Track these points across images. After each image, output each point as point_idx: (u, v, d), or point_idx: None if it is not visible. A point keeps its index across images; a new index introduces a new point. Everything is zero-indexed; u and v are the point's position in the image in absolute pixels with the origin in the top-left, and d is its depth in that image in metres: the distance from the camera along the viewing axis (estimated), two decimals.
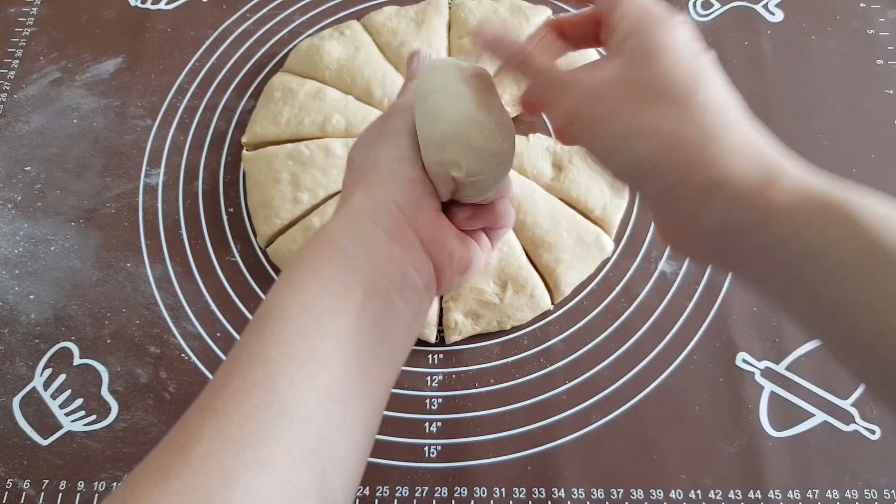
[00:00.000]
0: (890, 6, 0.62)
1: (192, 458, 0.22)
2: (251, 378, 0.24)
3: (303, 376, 0.24)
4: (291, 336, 0.25)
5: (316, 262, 0.27)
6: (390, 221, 0.28)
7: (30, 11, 0.63)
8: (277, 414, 0.23)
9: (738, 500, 0.43)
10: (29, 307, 0.50)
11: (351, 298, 0.26)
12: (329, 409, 0.24)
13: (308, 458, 0.23)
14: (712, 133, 0.25)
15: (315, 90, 0.55)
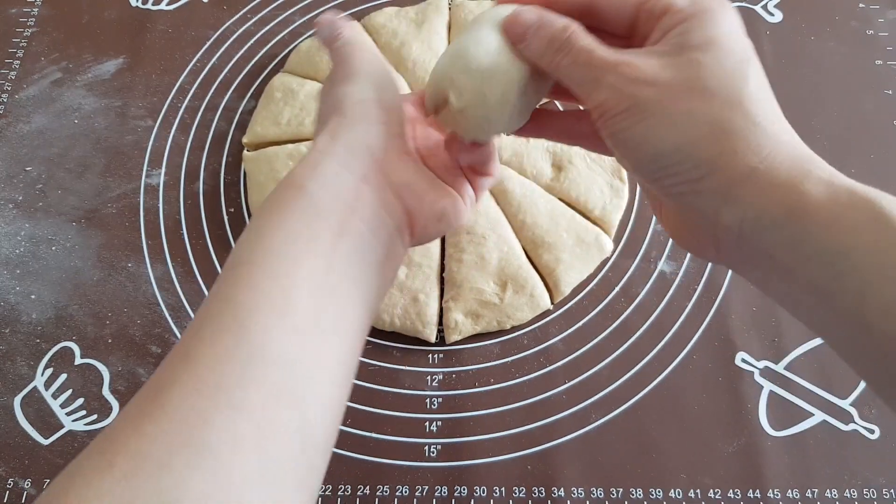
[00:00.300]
0: (889, 6, 0.62)
1: (166, 403, 0.22)
2: (222, 323, 0.24)
3: (273, 317, 0.24)
4: (260, 280, 0.25)
5: (283, 208, 0.27)
6: (357, 163, 0.28)
7: (31, 12, 0.63)
8: (249, 356, 0.23)
9: (738, 499, 0.43)
10: (30, 307, 0.50)
11: (319, 240, 0.26)
12: (303, 348, 0.24)
13: (283, 396, 0.23)
14: (757, 121, 0.24)
15: (316, 91, 0.55)
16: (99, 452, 0.21)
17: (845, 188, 0.23)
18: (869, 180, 0.58)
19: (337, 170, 0.27)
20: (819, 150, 0.59)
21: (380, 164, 0.28)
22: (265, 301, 0.24)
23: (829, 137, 0.56)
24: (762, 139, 0.24)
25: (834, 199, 0.23)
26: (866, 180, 0.58)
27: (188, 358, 0.23)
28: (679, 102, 0.25)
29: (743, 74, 0.25)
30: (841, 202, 0.23)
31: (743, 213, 0.24)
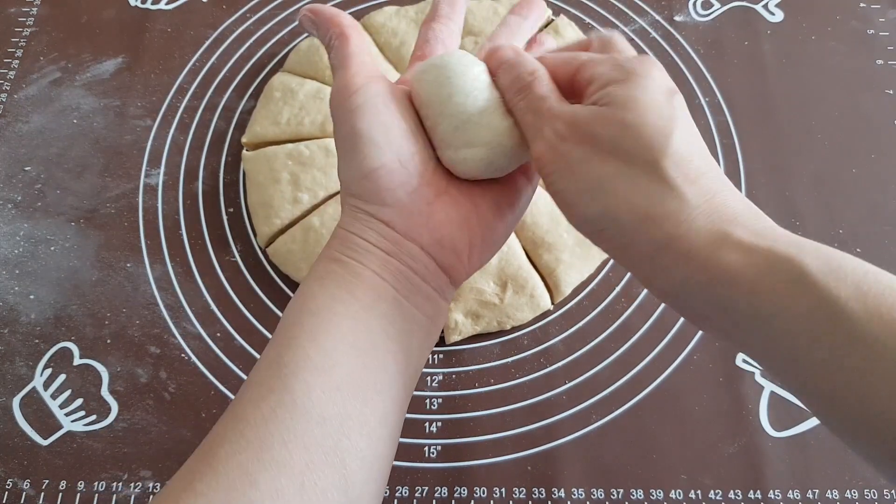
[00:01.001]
0: (890, 6, 0.62)
1: (214, 461, 0.23)
2: (267, 384, 0.25)
3: (315, 376, 0.25)
4: (303, 340, 0.26)
5: (322, 274, 0.28)
6: (380, 239, 0.28)
7: (30, 11, 0.63)
8: (292, 414, 0.24)
9: (738, 500, 0.43)
10: (29, 307, 0.50)
11: (357, 302, 0.27)
12: (345, 406, 0.25)
13: (327, 455, 0.24)
14: (674, 185, 0.25)
15: (315, 90, 0.55)
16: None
17: (763, 251, 0.23)
18: (869, 180, 0.58)
19: (364, 245, 0.28)
20: (819, 150, 0.60)
21: (405, 233, 0.28)
22: (307, 361, 0.25)
23: (829, 137, 0.56)
24: (680, 205, 0.24)
25: (752, 265, 0.23)
26: (866, 180, 0.58)
27: (236, 417, 0.24)
28: (604, 165, 0.25)
29: (664, 134, 0.25)
30: (759, 267, 0.23)
31: (671, 280, 0.25)
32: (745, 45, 0.60)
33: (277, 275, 0.51)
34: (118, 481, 0.44)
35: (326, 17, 0.32)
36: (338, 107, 0.30)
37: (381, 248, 0.28)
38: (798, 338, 0.22)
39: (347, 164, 0.29)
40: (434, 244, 0.29)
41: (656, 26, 0.61)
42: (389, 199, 0.28)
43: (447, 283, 0.30)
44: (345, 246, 0.28)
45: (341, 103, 0.29)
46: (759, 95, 0.58)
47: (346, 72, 0.30)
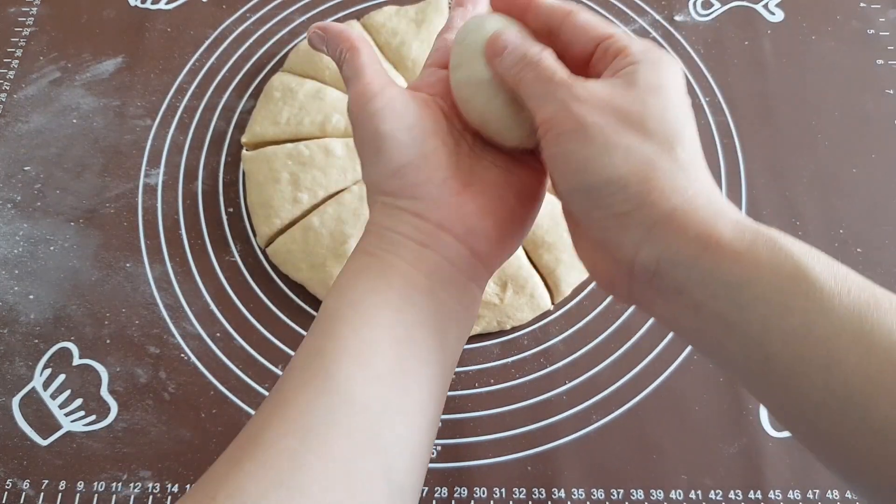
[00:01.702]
0: (890, 6, 0.62)
1: (261, 443, 0.24)
2: (310, 371, 0.26)
3: (357, 366, 0.25)
4: (343, 330, 0.26)
5: (359, 270, 0.29)
6: (415, 231, 0.29)
7: (29, 11, 0.63)
8: (335, 401, 0.25)
9: (739, 500, 0.43)
10: (28, 307, 0.50)
11: (394, 293, 0.27)
12: (386, 396, 0.25)
13: (369, 442, 0.24)
14: (684, 166, 0.26)
15: (315, 90, 0.55)
16: (202, 489, 0.23)
17: (751, 227, 0.25)
18: (869, 180, 0.58)
19: (398, 239, 0.29)
20: (819, 150, 0.60)
21: (438, 224, 0.29)
22: (347, 350, 0.26)
23: (829, 137, 0.56)
24: (686, 182, 0.26)
25: (740, 237, 0.24)
26: (866, 180, 0.58)
27: (280, 403, 0.25)
28: (620, 135, 0.26)
29: (681, 123, 0.27)
30: (746, 239, 0.24)
31: (660, 252, 0.25)
32: (745, 44, 0.60)
33: (277, 275, 0.51)
34: (118, 481, 0.44)
35: (335, 33, 0.33)
36: (358, 112, 0.31)
37: (414, 241, 0.29)
38: (772, 304, 0.23)
39: (374, 165, 0.30)
40: (467, 233, 0.29)
41: (656, 26, 0.61)
42: (420, 193, 0.29)
43: (481, 272, 0.31)
44: (379, 240, 0.29)
45: (362, 108, 0.31)
46: (759, 95, 0.58)
47: (363, 79, 0.31)
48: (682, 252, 0.25)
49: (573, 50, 0.30)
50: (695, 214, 0.25)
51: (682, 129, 0.26)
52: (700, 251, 0.24)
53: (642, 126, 0.26)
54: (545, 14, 0.30)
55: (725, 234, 0.24)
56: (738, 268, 0.24)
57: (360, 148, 0.31)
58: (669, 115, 0.26)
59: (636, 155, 0.26)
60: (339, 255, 0.48)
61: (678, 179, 0.26)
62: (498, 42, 0.30)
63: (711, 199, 0.26)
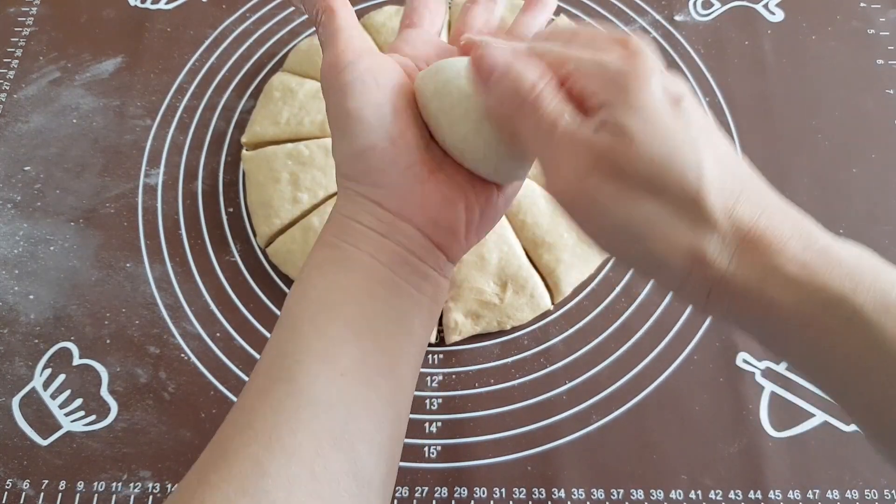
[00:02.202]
0: (890, 6, 0.62)
1: (226, 454, 0.24)
2: (273, 374, 0.25)
3: (320, 364, 0.25)
4: (306, 328, 0.26)
5: (319, 261, 0.28)
6: (374, 221, 0.28)
7: (29, 11, 0.63)
8: (298, 403, 0.24)
9: (739, 500, 0.43)
10: (28, 307, 0.50)
11: (354, 287, 0.27)
12: (351, 391, 0.25)
13: (335, 440, 0.24)
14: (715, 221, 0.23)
15: (315, 90, 0.55)
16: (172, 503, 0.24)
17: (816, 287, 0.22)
18: (869, 180, 0.58)
19: (358, 228, 0.28)
20: (819, 150, 0.60)
21: (398, 213, 0.28)
22: (310, 349, 0.25)
23: (829, 137, 0.56)
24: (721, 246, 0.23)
25: (803, 302, 0.22)
26: (867, 180, 0.58)
27: (245, 409, 0.25)
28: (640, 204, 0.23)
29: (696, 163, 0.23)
30: (811, 305, 0.22)
31: (728, 313, 0.24)
32: (745, 44, 0.60)
33: (277, 275, 0.51)
34: (118, 481, 0.44)
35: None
36: (328, 85, 0.29)
37: (375, 230, 0.28)
38: (849, 372, 0.22)
39: (339, 144, 0.29)
40: (428, 223, 0.28)
41: (656, 26, 0.61)
42: (381, 180, 0.28)
43: (444, 261, 0.30)
44: (341, 230, 0.29)
45: (331, 81, 0.29)
46: (759, 95, 0.58)
47: (335, 48, 0.29)
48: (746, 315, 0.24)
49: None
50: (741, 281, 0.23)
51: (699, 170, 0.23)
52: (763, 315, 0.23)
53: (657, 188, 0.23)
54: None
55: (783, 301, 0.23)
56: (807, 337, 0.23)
57: (329, 122, 0.29)
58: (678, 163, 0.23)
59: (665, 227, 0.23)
60: None
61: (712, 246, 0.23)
62: (483, 62, 0.26)
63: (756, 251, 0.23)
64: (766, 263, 0.23)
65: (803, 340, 0.23)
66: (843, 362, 0.22)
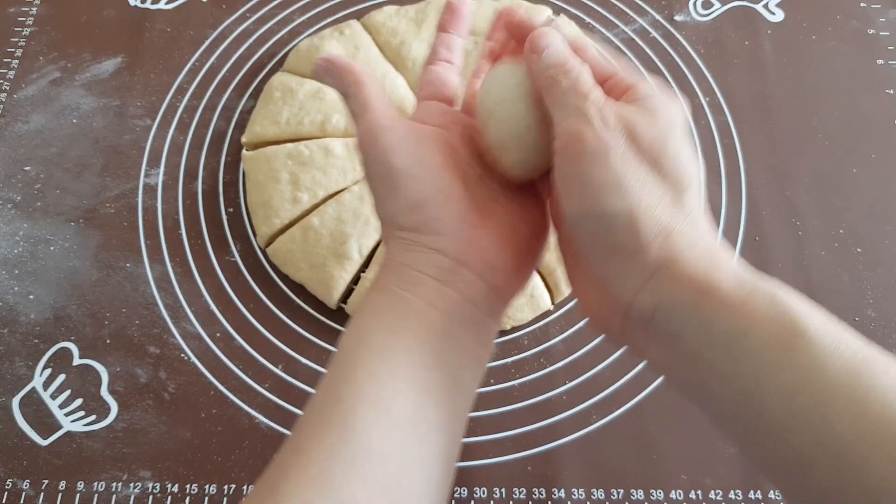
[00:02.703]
0: (890, 6, 0.62)
1: (279, 493, 0.23)
2: (326, 418, 0.25)
3: (375, 413, 0.25)
4: (361, 376, 0.26)
5: (377, 309, 0.28)
6: (434, 268, 0.28)
7: (29, 11, 0.63)
8: (353, 451, 0.24)
9: (739, 500, 0.43)
10: (28, 307, 0.50)
11: (412, 336, 0.27)
12: (405, 444, 0.25)
13: (387, 492, 0.24)
14: (690, 212, 0.26)
15: (315, 90, 0.55)
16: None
17: (750, 279, 0.25)
18: (869, 180, 0.58)
19: (417, 276, 0.28)
20: (819, 150, 0.59)
21: (460, 261, 0.29)
22: (365, 397, 0.25)
23: (829, 137, 0.56)
24: (692, 229, 0.26)
25: (739, 287, 0.24)
26: (866, 180, 0.58)
27: (298, 451, 0.25)
28: (641, 167, 0.26)
29: (694, 168, 0.27)
30: (745, 290, 0.24)
31: (660, 298, 0.25)
32: (745, 44, 0.60)
33: (277, 275, 0.51)
34: (118, 481, 0.44)
35: (341, 66, 0.33)
36: (368, 148, 0.30)
37: (434, 278, 0.28)
38: (765, 357, 0.23)
39: (390, 200, 0.30)
40: (486, 267, 0.29)
41: (656, 26, 0.61)
42: (440, 228, 0.29)
43: (499, 306, 0.30)
44: (397, 277, 0.29)
45: (373, 143, 0.30)
46: (759, 95, 0.58)
47: (371, 114, 0.31)
48: (680, 299, 0.25)
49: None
50: (696, 262, 0.25)
51: (693, 175, 0.26)
52: (698, 298, 0.24)
53: (658, 164, 0.26)
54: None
55: (725, 283, 0.24)
56: (734, 318, 0.24)
57: (372, 183, 0.31)
58: (684, 158, 0.26)
59: (654, 191, 0.26)
60: (339, 255, 0.48)
61: (685, 225, 0.26)
62: (540, 39, 0.29)
63: (709, 245, 0.26)
64: (715, 255, 0.25)
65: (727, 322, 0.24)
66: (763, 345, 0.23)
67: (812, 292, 0.50)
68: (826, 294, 0.50)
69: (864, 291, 0.50)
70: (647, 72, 0.59)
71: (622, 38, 0.61)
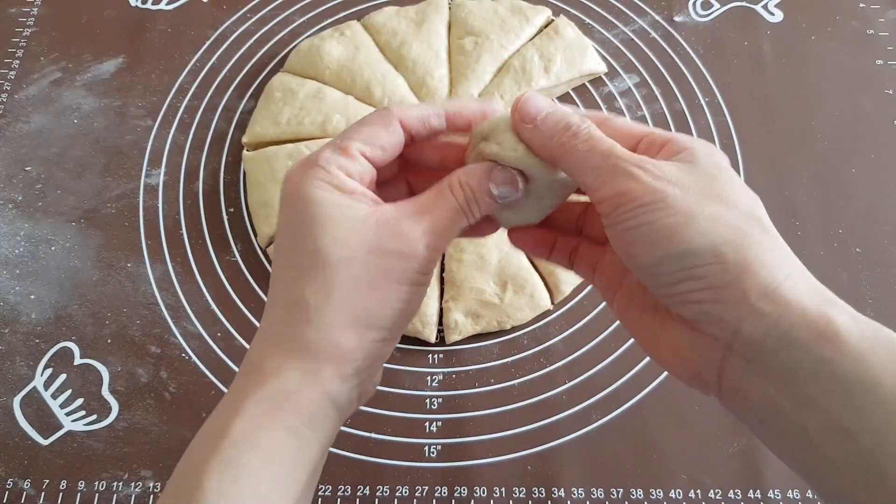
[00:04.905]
0: (890, 6, 0.62)
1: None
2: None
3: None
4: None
5: (271, 445, 0.24)
6: (347, 403, 0.27)
7: (30, 11, 0.63)
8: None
9: (738, 499, 0.43)
10: (29, 307, 0.50)
11: (295, 487, 0.25)
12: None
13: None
14: (777, 239, 0.24)
15: (315, 90, 0.55)
16: None
17: (868, 322, 0.23)
18: (869, 180, 0.58)
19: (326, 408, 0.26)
20: (819, 150, 0.60)
21: (361, 389, 0.28)
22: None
23: (829, 137, 0.56)
24: (784, 258, 0.24)
25: (861, 332, 0.22)
26: (866, 180, 0.58)
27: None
28: (704, 205, 0.24)
29: (756, 200, 0.25)
30: (867, 336, 0.22)
31: (769, 327, 0.23)
32: (744, 45, 0.60)
33: None
34: (119, 481, 0.44)
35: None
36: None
37: (339, 409, 0.26)
38: (893, 415, 0.21)
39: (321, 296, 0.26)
40: (368, 391, 0.29)
41: (656, 26, 0.61)
42: (358, 371, 0.27)
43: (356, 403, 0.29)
44: (302, 403, 0.25)
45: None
46: (758, 95, 0.58)
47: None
48: (795, 331, 0.22)
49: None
50: (804, 295, 0.23)
51: (759, 205, 0.25)
52: (816, 336, 0.22)
53: (722, 197, 0.24)
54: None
55: (844, 325, 0.22)
56: (860, 367, 0.22)
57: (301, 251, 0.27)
58: (742, 190, 0.25)
59: (725, 222, 0.24)
60: None
61: (777, 253, 0.24)
62: (529, 106, 0.27)
63: (811, 281, 0.24)
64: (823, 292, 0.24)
65: (854, 371, 0.22)
66: (892, 408, 0.21)
67: None
68: None
69: (864, 291, 0.50)
70: (652, 81, 0.59)
71: (621, 39, 0.61)
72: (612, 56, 0.60)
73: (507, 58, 0.57)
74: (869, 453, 0.21)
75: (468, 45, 0.57)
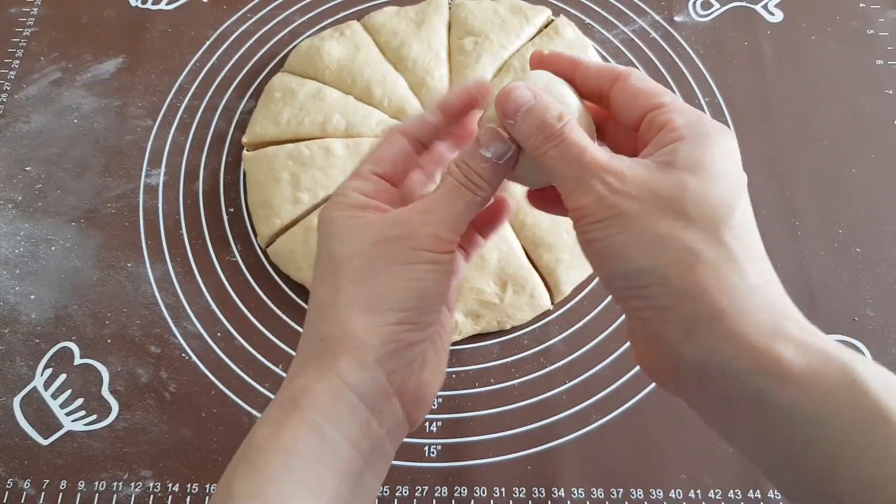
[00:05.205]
0: (890, 6, 0.62)
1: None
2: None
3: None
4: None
5: (289, 444, 0.25)
6: (375, 394, 0.26)
7: (30, 11, 0.63)
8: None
9: (738, 499, 0.43)
10: (29, 307, 0.50)
11: (324, 489, 0.25)
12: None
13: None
14: (733, 257, 0.23)
15: (315, 90, 0.55)
16: None
17: (818, 350, 0.22)
18: (869, 180, 0.58)
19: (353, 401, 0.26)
20: (819, 150, 0.60)
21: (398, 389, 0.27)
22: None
23: (829, 137, 0.56)
24: (735, 279, 0.23)
25: (806, 362, 0.22)
26: (866, 180, 0.58)
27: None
28: (658, 222, 0.24)
29: (728, 205, 0.24)
30: (813, 366, 0.21)
31: (707, 355, 0.23)
32: (744, 45, 0.60)
33: (278, 275, 0.51)
34: (119, 481, 0.44)
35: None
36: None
37: (368, 405, 0.26)
38: (844, 447, 0.21)
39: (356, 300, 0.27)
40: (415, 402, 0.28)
41: (656, 26, 0.61)
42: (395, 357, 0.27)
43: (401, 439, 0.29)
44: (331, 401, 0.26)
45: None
46: (758, 95, 0.58)
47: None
48: (732, 362, 0.22)
49: (623, 118, 0.28)
50: (746, 323, 0.22)
51: (729, 212, 0.24)
52: (755, 367, 0.22)
53: (681, 211, 0.24)
54: (594, 78, 0.28)
55: (787, 357, 0.22)
56: (803, 399, 0.21)
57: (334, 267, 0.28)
58: (713, 197, 0.24)
59: (677, 243, 0.23)
60: None
61: (725, 275, 0.23)
62: (509, 101, 0.27)
63: (766, 304, 0.23)
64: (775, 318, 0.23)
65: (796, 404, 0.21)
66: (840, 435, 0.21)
67: (811, 292, 0.50)
68: (825, 294, 0.50)
69: (864, 291, 0.50)
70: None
71: (621, 39, 0.61)
72: (612, 56, 0.60)
73: (507, 58, 0.57)
74: (822, 478, 0.21)
75: (468, 45, 0.57)
